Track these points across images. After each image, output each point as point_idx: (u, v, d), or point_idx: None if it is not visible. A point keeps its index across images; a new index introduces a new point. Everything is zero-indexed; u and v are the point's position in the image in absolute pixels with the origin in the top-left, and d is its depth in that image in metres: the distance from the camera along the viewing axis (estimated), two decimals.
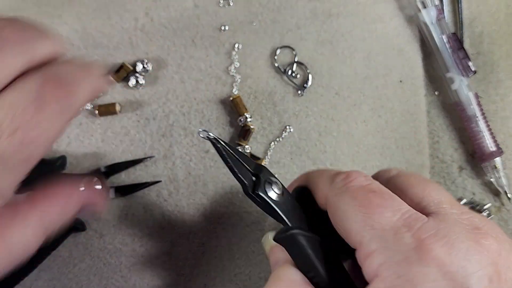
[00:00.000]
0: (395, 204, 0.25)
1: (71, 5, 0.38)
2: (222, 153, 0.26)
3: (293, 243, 0.27)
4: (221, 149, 0.26)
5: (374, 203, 0.25)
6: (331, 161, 0.38)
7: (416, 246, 0.23)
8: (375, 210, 0.25)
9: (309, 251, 0.26)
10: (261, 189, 0.27)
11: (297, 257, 0.27)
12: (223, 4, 0.39)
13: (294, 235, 0.26)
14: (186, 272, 0.37)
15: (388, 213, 0.25)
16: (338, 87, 0.39)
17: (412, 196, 0.26)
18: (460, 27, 0.40)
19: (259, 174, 0.28)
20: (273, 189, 0.27)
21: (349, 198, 0.26)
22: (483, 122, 0.38)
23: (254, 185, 0.27)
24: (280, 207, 0.27)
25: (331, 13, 0.39)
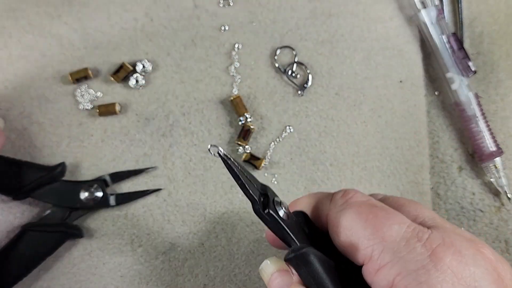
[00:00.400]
0: (400, 218, 0.26)
1: (71, 5, 0.38)
2: (233, 170, 0.26)
3: (305, 263, 0.26)
4: (232, 166, 0.26)
5: (381, 216, 0.26)
6: (331, 161, 0.38)
7: (429, 254, 0.24)
8: (384, 223, 0.25)
9: (321, 270, 0.26)
10: (272, 208, 0.27)
11: (308, 277, 0.26)
12: (223, 4, 0.39)
13: (307, 254, 0.26)
14: (186, 272, 0.37)
15: (396, 225, 0.25)
16: (338, 87, 0.39)
17: (407, 213, 0.27)
18: (460, 27, 0.40)
19: (267, 192, 0.27)
20: (282, 209, 0.27)
21: (353, 213, 0.27)
22: (483, 122, 0.38)
23: (263, 204, 0.27)
24: (289, 226, 0.27)
25: (331, 13, 0.39)
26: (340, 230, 0.26)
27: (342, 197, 0.28)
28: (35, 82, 0.37)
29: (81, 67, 0.38)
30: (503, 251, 0.38)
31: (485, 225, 0.39)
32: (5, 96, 0.37)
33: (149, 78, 0.38)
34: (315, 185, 0.38)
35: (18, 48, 0.38)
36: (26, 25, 0.38)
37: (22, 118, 0.37)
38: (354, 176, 0.38)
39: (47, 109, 0.37)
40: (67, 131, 0.37)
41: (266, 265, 0.29)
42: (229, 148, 0.38)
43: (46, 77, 0.38)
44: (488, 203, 0.39)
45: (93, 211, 0.36)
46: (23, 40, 0.38)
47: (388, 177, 0.38)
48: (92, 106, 0.37)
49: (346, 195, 0.28)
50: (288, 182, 0.38)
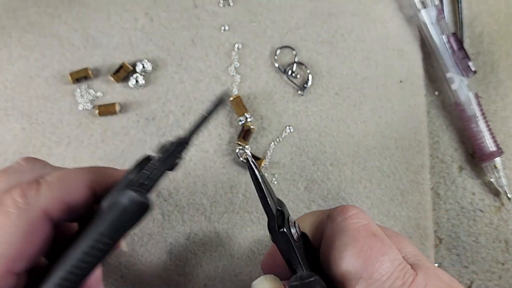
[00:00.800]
0: (394, 253, 0.25)
1: (71, 5, 0.38)
2: (257, 179, 0.25)
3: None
4: (258, 176, 0.25)
5: (375, 249, 0.25)
6: (331, 161, 0.38)
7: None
8: (378, 259, 0.24)
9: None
10: (287, 227, 0.25)
11: None
12: (223, 4, 0.39)
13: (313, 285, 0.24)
14: (187, 272, 0.37)
15: (387, 263, 0.24)
16: (338, 87, 0.39)
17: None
18: (460, 27, 0.40)
19: (282, 209, 0.26)
20: (295, 229, 0.26)
21: (349, 238, 0.25)
22: (483, 122, 0.38)
23: (278, 221, 0.25)
24: (298, 250, 0.26)
25: (331, 13, 0.39)
26: (331, 251, 0.25)
27: (341, 214, 0.26)
28: (35, 82, 0.37)
29: (81, 67, 0.38)
30: (503, 251, 0.38)
31: (485, 225, 0.39)
32: (5, 96, 0.37)
33: (149, 78, 0.38)
34: (315, 185, 0.38)
35: (18, 48, 0.38)
36: (26, 25, 0.38)
37: (22, 118, 0.37)
38: (354, 176, 0.38)
39: (47, 109, 0.37)
40: (67, 131, 0.37)
41: (261, 283, 0.27)
42: (229, 148, 0.38)
43: (46, 77, 0.38)
44: (488, 203, 0.39)
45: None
46: (23, 40, 0.38)
47: (388, 177, 0.38)
48: (92, 106, 0.37)
49: (345, 213, 0.26)
50: (288, 182, 0.38)
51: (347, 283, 0.24)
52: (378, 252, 0.25)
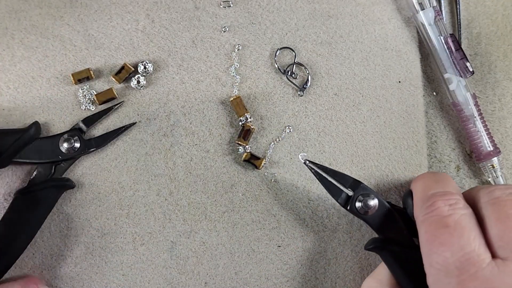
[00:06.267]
0: (460, 243, 0.26)
1: (72, 6, 0.39)
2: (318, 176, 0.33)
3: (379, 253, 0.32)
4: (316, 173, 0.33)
5: (438, 240, 0.26)
6: (330, 161, 0.38)
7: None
8: (437, 249, 0.26)
9: (388, 263, 0.31)
10: (352, 206, 0.32)
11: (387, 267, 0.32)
12: (223, 6, 0.39)
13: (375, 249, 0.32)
14: (188, 270, 0.37)
15: (447, 252, 0.25)
16: (337, 88, 0.39)
17: (491, 233, 0.27)
18: (458, 28, 0.40)
19: (355, 190, 0.32)
20: (367, 203, 0.32)
21: (424, 229, 0.28)
22: (481, 122, 0.38)
23: (347, 201, 0.33)
24: (372, 220, 0.32)
25: (330, 14, 0.40)
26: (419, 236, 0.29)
27: (428, 207, 0.28)
28: (37, 83, 0.38)
29: (83, 68, 0.38)
30: None
31: None
32: (7, 96, 0.37)
33: (151, 78, 0.38)
34: (314, 184, 0.38)
35: (20, 49, 0.38)
36: (29, 26, 0.38)
37: (24, 118, 0.37)
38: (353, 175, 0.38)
39: (49, 109, 0.38)
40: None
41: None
42: (229, 148, 0.38)
43: (48, 78, 0.38)
44: None
45: (76, 160, 0.37)
46: (25, 41, 0.38)
47: (387, 176, 0.39)
48: (94, 107, 0.38)
49: (431, 206, 0.28)
50: (287, 181, 0.38)
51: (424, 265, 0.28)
52: (439, 243, 0.26)
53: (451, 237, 0.26)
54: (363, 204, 0.32)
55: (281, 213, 0.38)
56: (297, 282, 0.38)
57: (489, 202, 0.28)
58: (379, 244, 0.32)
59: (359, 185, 0.33)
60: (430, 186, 0.31)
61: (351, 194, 0.33)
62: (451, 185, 0.32)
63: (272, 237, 0.38)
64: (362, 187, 0.33)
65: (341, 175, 0.33)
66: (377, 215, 0.32)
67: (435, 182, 0.32)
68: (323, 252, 0.38)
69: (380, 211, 0.32)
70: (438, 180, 0.32)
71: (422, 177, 0.34)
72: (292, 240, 0.38)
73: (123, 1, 0.39)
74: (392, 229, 0.32)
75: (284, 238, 0.38)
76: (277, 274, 0.38)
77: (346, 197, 0.33)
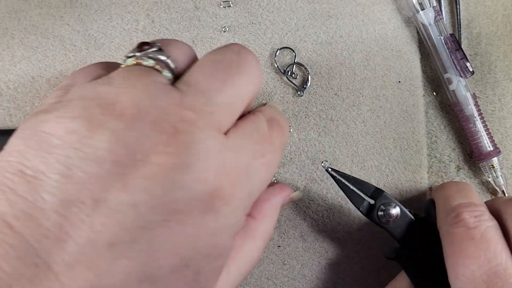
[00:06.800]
0: (487, 256, 0.25)
1: (72, 6, 0.39)
2: (340, 184, 0.33)
3: (400, 263, 0.32)
4: (338, 181, 0.33)
5: (464, 253, 0.26)
6: (330, 161, 0.38)
7: None
8: (464, 262, 0.26)
9: (410, 273, 0.31)
10: (374, 215, 0.32)
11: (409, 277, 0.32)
12: (223, 6, 0.39)
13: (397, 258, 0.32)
14: None
15: (474, 265, 0.25)
16: (337, 88, 0.39)
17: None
18: (458, 28, 0.40)
19: (376, 198, 0.32)
20: (389, 213, 0.32)
21: (449, 241, 0.28)
22: (481, 122, 0.38)
23: (369, 210, 0.32)
24: (393, 229, 0.32)
25: (330, 14, 0.40)
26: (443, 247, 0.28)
27: (454, 218, 0.28)
28: (37, 83, 0.38)
29: None
30: None
31: None
32: (7, 96, 0.37)
33: None
34: (314, 184, 0.38)
35: (20, 49, 0.38)
36: (29, 26, 0.38)
37: (24, 118, 0.37)
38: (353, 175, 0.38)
39: None
40: None
41: None
42: None
43: (49, 78, 0.38)
44: None
45: None
46: (25, 41, 0.38)
47: (387, 176, 0.39)
48: None
49: (457, 217, 0.28)
50: (287, 181, 0.38)
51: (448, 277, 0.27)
52: (465, 256, 0.26)
53: (477, 249, 0.26)
54: (385, 213, 0.32)
55: (281, 213, 0.38)
56: (298, 282, 0.38)
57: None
58: (401, 254, 0.32)
59: (381, 194, 0.32)
60: (453, 196, 0.31)
61: (373, 202, 0.32)
62: (474, 195, 0.32)
63: (272, 237, 0.38)
64: (384, 196, 0.32)
65: (363, 183, 0.33)
66: (399, 224, 0.32)
67: (457, 192, 0.32)
68: (324, 252, 0.38)
69: (402, 220, 0.32)
70: (461, 189, 0.32)
71: (444, 186, 0.34)
72: (292, 240, 0.38)
73: (123, 1, 0.39)
74: (414, 238, 0.32)
75: (284, 238, 0.38)
76: (277, 274, 0.38)
77: (368, 206, 0.32)
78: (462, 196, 0.31)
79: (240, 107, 0.22)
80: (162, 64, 0.21)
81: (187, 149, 0.18)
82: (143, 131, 0.18)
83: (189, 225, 0.18)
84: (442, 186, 0.34)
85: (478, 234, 0.27)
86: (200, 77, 0.21)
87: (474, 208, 0.29)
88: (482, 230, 0.27)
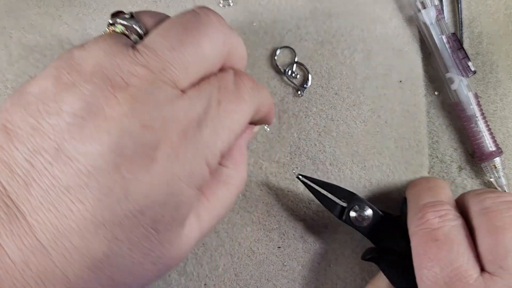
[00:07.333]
0: (449, 258, 0.25)
1: (71, 5, 0.38)
2: (311, 190, 0.34)
3: (376, 263, 0.32)
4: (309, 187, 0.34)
5: (428, 255, 0.26)
6: (330, 160, 0.38)
7: None
8: (427, 264, 0.26)
9: (387, 273, 0.31)
10: (346, 217, 0.33)
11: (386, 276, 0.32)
12: (223, 5, 0.39)
13: (373, 259, 0.32)
14: (187, 271, 0.37)
15: (436, 268, 0.25)
16: (338, 87, 0.39)
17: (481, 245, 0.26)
18: (459, 28, 0.40)
19: (349, 201, 0.33)
20: (361, 214, 0.33)
21: (415, 242, 0.28)
22: (483, 122, 0.38)
23: (342, 213, 0.33)
24: (367, 231, 0.33)
25: (331, 13, 0.39)
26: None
27: (419, 219, 0.28)
28: None
29: None
30: None
31: None
32: (5, 96, 0.37)
33: None
34: None
35: (18, 48, 0.38)
36: (27, 25, 0.38)
37: None
38: (354, 175, 0.38)
39: None
40: None
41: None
42: None
43: None
44: None
45: None
46: (23, 40, 0.38)
47: (388, 177, 0.38)
48: None
49: (421, 218, 0.28)
50: (287, 182, 0.38)
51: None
52: (428, 258, 0.26)
53: (440, 251, 0.26)
54: (357, 215, 0.33)
55: (281, 214, 0.38)
56: (298, 283, 0.37)
57: (479, 212, 0.27)
58: (376, 255, 0.32)
59: (353, 196, 0.33)
60: (422, 195, 0.31)
61: (345, 205, 0.33)
62: (443, 192, 0.31)
63: (272, 238, 0.37)
64: (356, 198, 0.33)
65: (335, 187, 0.34)
66: (372, 225, 0.33)
67: (427, 190, 0.32)
68: (324, 253, 0.38)
69: (375, 221, 0.33)
70: (431, 187, 0.32)
71: (415, 184, 0.34)
72: (292, 241, 0.38)
73: (122, 0, 0.38)
74: (388, 238, 0.32)
75: (284, 239, 0.38)
76: (277, 275, 0.37)
77: (341, 209, 0.33)
78: (430, 195, 0.31)
79: (200, 66, 0.23)
80: (132, 29, 0.24)
81: (135, 100, 0.20)
82: (99, 86, 0.20)
83: (138, 172, 0.20)
84: (413, 183, 0.34)
85: (441, 235, 0.26)
86: (157, 37, 0.23)
87: (439, 207, 0.28)
88: (446, 230, 0.27)
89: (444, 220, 0.27)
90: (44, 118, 0.20)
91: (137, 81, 0.21)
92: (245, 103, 0.24)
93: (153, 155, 0.20)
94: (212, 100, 0.23)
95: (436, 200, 0.30)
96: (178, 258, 0.23)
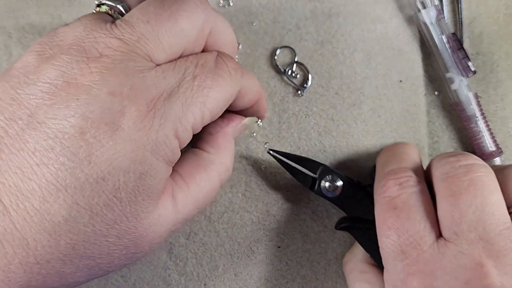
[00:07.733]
0: (406, 226, 0.25)
1: (71, 5, 0.38)
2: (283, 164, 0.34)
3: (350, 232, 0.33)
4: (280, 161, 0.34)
5: (387, 224, 0.26)
6: (330, 160, 0.38)
7: (402, 278, 0.24)
8: (385, 233, 0.26)
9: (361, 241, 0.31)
10: (318, 187, 0.33)
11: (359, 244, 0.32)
12: (223, 4, 0.39)
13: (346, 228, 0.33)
14: (187, 271, 0.37)
15: (394, 236, 0.25)
16: (338, 87, 0.39)
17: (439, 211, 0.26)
18: (459, 27, 0.40)
19: (321, 173, 0.33)
20: (332, 184, 0.33)
21: (376, 211, 0.28)
22: (483, 122, 0.38)
23: (314, 184, 0.33)
24: (339, 200, 0.33)
25: (331, 13, 0.39)
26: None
27: (381, 187, 0.28)
28: None
29: None
30: None
31: None
32: None
33: None
34: None
35: (18, 48, 0.38)
36: (26, 25, 0.38)
37: None
38: (354, 175, 0.38)
39: None
40: None
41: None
42: None
43: None
44: None
45: None
46: (23, 40, 0.38)
47: None
48: None
49: (383, 187, 0.28)
50: (287, 181, 0.38)
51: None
52: (386, 227, 0.26)
53: (398, 219, 0.25)
54: (328, 185, 0.33)
55: (281, 214, 0.38)
56: (298, 283, 0.37)
57: (439, 177, 0.27)
58: (348, 223, 0.33)
59: (324, 168, 0.33)
60: (387, 162, 0.31)
61: (317, 177, 0.33)
62: (408, 158, 0.31)
63: (272, 237, 0.37)
64: (327, 169, 0.33)
65: (305, 160, 0.34)
66: (344, 194, 0.33)
67: (392, 157, 0.31)
68: (324, 253, 0.38)
69: (347, 191, 0.33)
70: (396, 154, 0.32)
71: (384, 151, 0.34)
72: (292, 241, 0.38)
73: None
74: (359, 207, 0.33)
75: (284, 238, 0.38)
76: (277, 275, 0.37)
77: (312, 180, 0.33)
78: (394, 162, 0.30)
79: (176, 42, 0.24)
80: (116, 9, 0.25)
81: (106, 69, 0.21)
82: (75, 57, 0.22)
83: (103, 137, 0.21)
84: (382, 150, 0.34)
85: (400, 202, 0.26)
86: (135, 12, 0.24)
87: (400, 174, 0.28)
88: (404, 198, 0.26)
89: (403, 188, 0.27)
90: (23, 89, 0.21)
91: (110, 52, 0.22)
92: (224, 81, 0.25)
93: (118, 122, 0.21)
94: (186, 74, 0.23)
95: (398, 167, 0.29)
96: (150, 238, 0.23)
